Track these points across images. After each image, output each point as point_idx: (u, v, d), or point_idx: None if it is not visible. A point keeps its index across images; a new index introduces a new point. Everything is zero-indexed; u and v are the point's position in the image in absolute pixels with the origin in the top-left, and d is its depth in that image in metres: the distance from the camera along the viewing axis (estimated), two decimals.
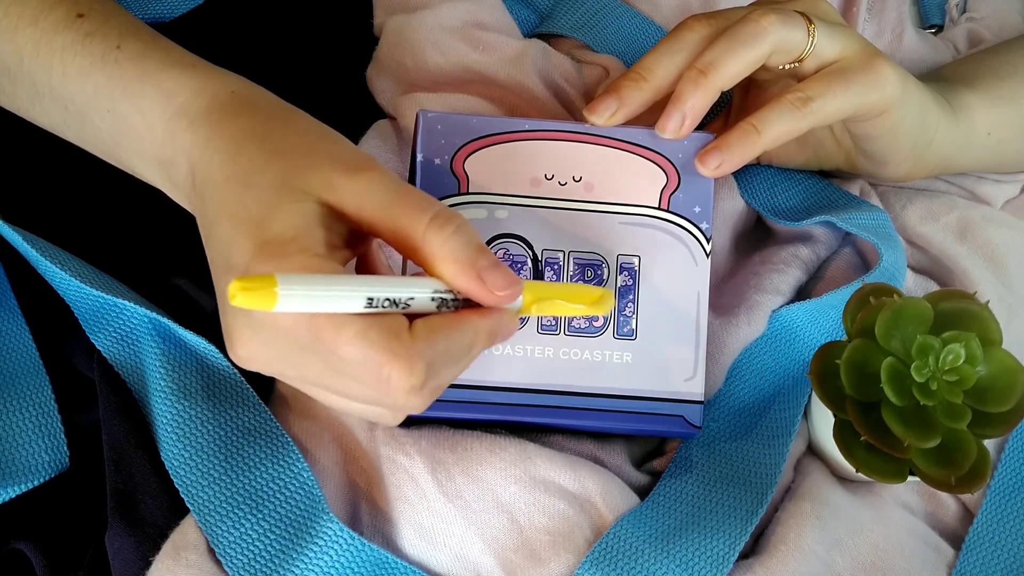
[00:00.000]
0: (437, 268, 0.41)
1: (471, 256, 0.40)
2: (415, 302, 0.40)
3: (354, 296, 0.38)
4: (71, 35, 0.47)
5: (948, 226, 0.61)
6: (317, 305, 0.37)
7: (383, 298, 0.39)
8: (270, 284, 0.36)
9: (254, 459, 0.49)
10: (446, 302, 0.42)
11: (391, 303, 0.39)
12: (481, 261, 0.41)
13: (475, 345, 0.42)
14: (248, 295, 0.36)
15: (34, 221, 0.53)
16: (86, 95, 0.46)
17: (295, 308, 0.37)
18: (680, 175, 0.53)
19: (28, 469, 0.50)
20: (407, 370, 0.38)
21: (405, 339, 0.39)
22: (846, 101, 0.52)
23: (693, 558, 0.49)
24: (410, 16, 0.60)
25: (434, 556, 0.49)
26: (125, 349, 0.52)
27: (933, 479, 0.48)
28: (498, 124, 0.52)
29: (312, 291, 0.37)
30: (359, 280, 0.39)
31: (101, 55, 0.46)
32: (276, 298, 0.36)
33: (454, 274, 0.41)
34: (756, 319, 0.55)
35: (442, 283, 0.41)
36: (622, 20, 0.63)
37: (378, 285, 0.39)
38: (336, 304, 0.38)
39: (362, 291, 0.38)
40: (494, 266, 0.41)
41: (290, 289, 0.36)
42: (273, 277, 0.36)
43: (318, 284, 0.37)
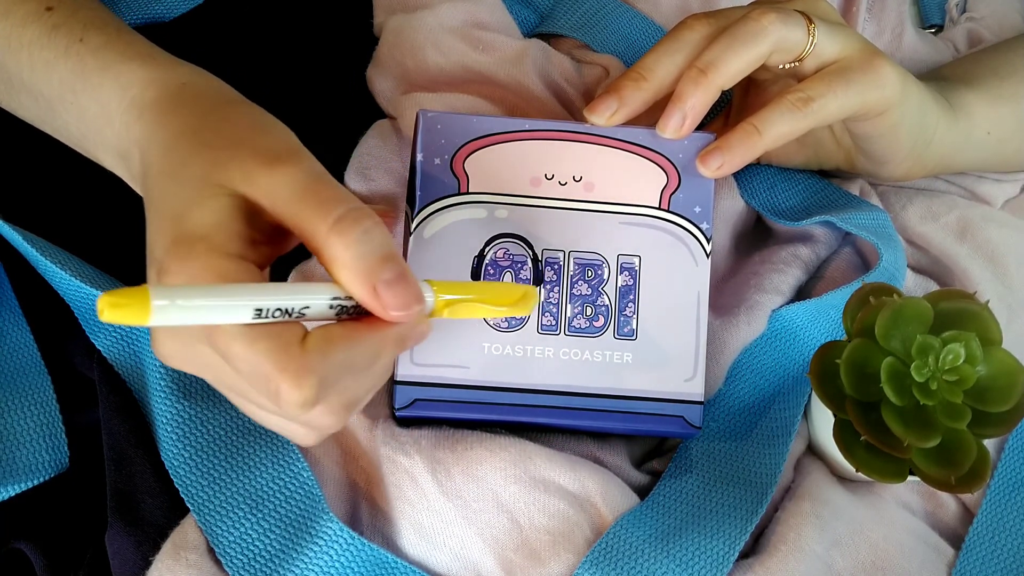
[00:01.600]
0: (335, 273, 0.39)
1: (371, 265, 0.38)
2: (311, 310, 0.38)
3: (240, 306, 0.36)
4: (39, 28, 0.47)
5: (948, 226, 0.61)
6: (198, 316, 0.35)
7: (273, 308, 0.37)
8: (142, 298, 0.34)
9: (254, 459, 0.49)
10: (346, 309, 0.39)
11: (283, 312, 0.37)
12: (383, 273, 0.38)
13: (382, 355, 0.40)
14: (116, 311, 0.34)
15: (34, 221, 0.53)
16: (52, 88, 0.47)
17: (173, 321, 0.35)
18: (680, 175, 0.53)
19: (28, 468, 0.50)
20: (295, 384, 0.37)
21: (294, 352, 0.37)
22: (847, 101, 0.52)
23: (693, 558, 0.49)
24: (410, 16, 0.60)
25: (434, 556, 0.49)
26: (125, 349, 0.52)
27: (933, 479, 0.48)
28: (498, 124, 0.52)
29: (191, 302, 0.35)
30: (248, 289, 0.37)
31: (65, 48, 0.46)
32: (148, 313, 0.34)
33: (350, 283, 0.38)
34: (756, 319, 0.56)
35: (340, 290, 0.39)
36: (622, 20, 0.63)
37: (269, 294, 0.37)
38: (220, 315, 0.36)
39: (250, 300, 0.36)
40: (396, 281, 0.38)
41: (164, 301, 0.34)
42: (146, 289, 0.34)
43: (199, 295, 0.35)
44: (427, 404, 0.51)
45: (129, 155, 0.44)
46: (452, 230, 0.51)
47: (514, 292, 0.44)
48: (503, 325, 0.51)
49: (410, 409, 0.50)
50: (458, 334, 0.51)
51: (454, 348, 0.51)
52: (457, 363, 0.51)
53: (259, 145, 0.40)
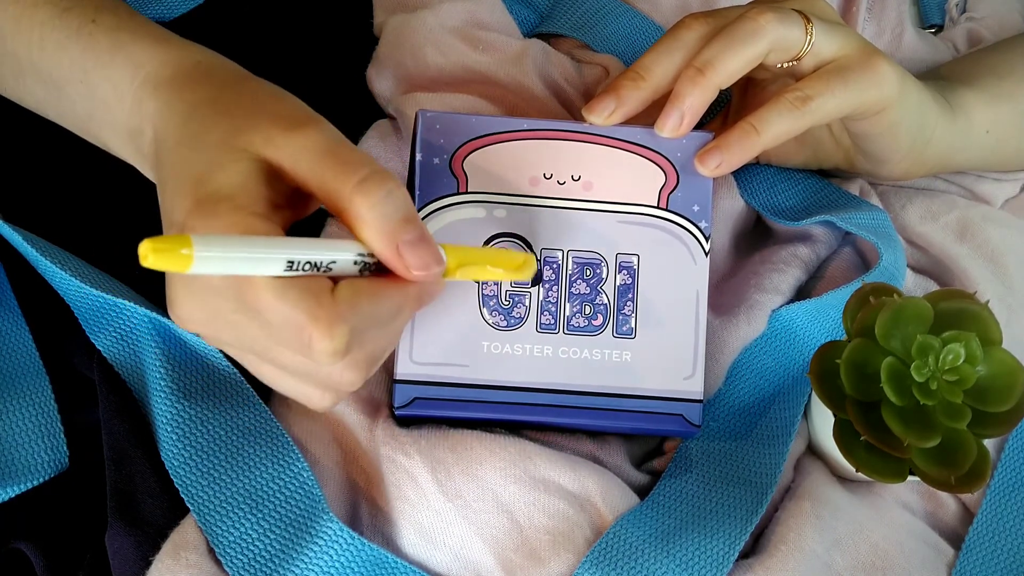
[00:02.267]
0: (359, 232, 0.40)
1: (394, 227, 0.39)
2: (337, 265, 0.39)
3: (273, 258, 0.37)
4: (50, 10, 0.48)
5: (948, 226, 0.61)
6: (234, 267, 0.36)
7: (304, 261, 0.38)
8: (184, 244, 0.34)
9: (254, 459, 0.49)
10: (368, 266, 0.40)
11: (312, 266, 0.38)
12: (405, 234, 0.39)
13: (403, 310, 0.41)
14: (160, 256, 0.34)
15: (34, 221, 0.53)
16: (62, 68, 0.47)
17: (211, 270, 0.35)
18: (679, 174, 0.53)
19: (28, 469, 0.50)
20: (327, 333, 0.37)
21: (326, 302, 0.38)
22: (845, 99, 0.52)
23: (693, 558, 0.49)
24: (410, 16, 0.60)
25: (434, 556, 0.49)
26: (125, 349, 0.52)
27: (933, 479, 0.48)
28: (497, 123, 0.52)
29: (228, 253, 0.36)
30: (279, 242, 0.38)
31: (77, 28, 0.47)
32: (191, 260, 0.34)
33: (374, 242, 0.40)
34: (756, 319, 0.55)
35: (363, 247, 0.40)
36: (622, 20, 0.63)
37: (299, 247, 0.38)
38: (254, 267, 0.37)
39: (282, 253, 0.37)
40: (417, 241, 0.40)
41: (205, 251, 0.35)
42: (188, 238, 0.35)
43: (235, 246, 0.36)
44: (427, 403, 0.51)
45: (140, 132, 0.45)
46: (451, 229, 0.51)
47: (516, 258, 0.45)
48: (502, 324, 0.51)
49: (410, 408, 0.51)
50: (458, 333, 0.51)
51: (454, 347, 0.51)
52: (456, 362, 0.51)
53: (278, 111, 0.41)
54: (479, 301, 0.51)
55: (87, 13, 0.47)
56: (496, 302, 0.51)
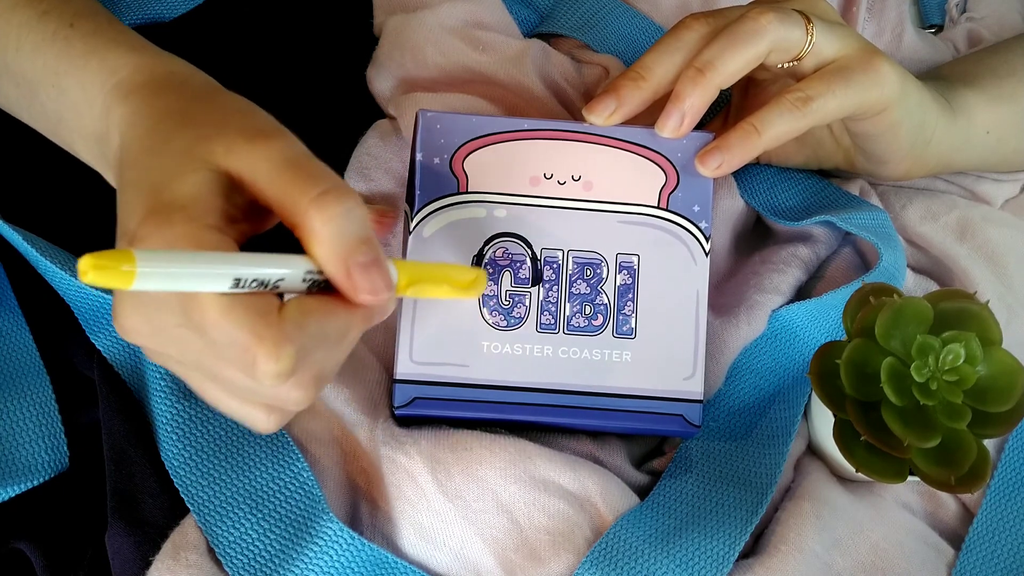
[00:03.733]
0: (311, 248, 0.38)
1: (348, 246, 0.38)
2: (285, 283, 0.38)
3: (219, 274, 0.36)
4: (29, 12, 0.47)
5: (948, 226, 0.61)
6: (178, 284, 0.35)
7: (251, 278, 0.36)
8: (126, 260, 0.33)
9: (254, 459, 0.49)
10: (318, 284, 0.39)
11: (260, 283, 0.37)
12: (358, 255, 0.38)
13: (351, 329, 0.40)
14: (100, 273, 0.33)
15: (34, 221, 0.53)
16: (36, 70, 0.47)
17: (154, 286, 0.34)
18: (679, 174, 0.53)
19: (28, 469, 0.50)
20: (273, 354, 0.36)
21: (272, 321, 0.37)
22: (846, 100, 0.52)
23: (693, 558, 0.49)
24: (410, 16, 0.60)
25: (434, 556, 0.49)
26: (125, 349, 0.52)
27: (933, 479, 0.48)
28: (497, 123, 0.52)
29: (172, 269, 0.34)
30: (226, 258, 0.36)
31: (53, 32, 0.47)
32: (133, 276, 0.33)
33: (325, 260, 0.38)
34: (756, 319, 0.55)
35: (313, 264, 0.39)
36: (622, 20, 0.63)
37: (246, 264, 0.36)
38: (199, 283, 0.35)
39: (228, 269, 0.36)
40: (370, 264, 0.38)
41: (148, 266, 0.33)
42: (131, 253, 0.33)
43: (180, 261, 0.35)
44: (426, 403, 0.51)
45: (106, 138, 0.44)
46: (451, 229, 0.51)
47: (467, 275, 0.45)
48: (502, 324, 0.51)
49: (410, 408, 0.51)
50: (457, 333, 0.51)
51: (453, 347, 0.51)
52: (456, 362, 0.51)
53: (245, 123, 0.40)
54: (479, 301, 0.51)
55: (65, 18, 0.47)
56: (496, 302, 0.51)
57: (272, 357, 0.36)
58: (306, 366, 0.38)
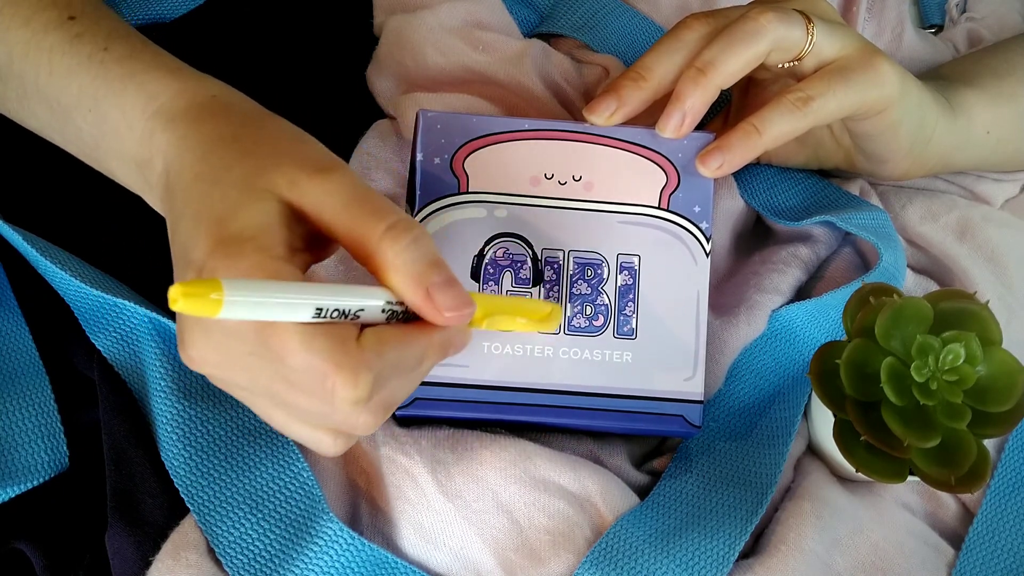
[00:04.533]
0: (388, 278, 0.39)
1: (423, 271, 0.39)
2: (365, 313, 0.39)
3: (302, 304, 0.36)
4: (61, 35, 0.47)
5: (948, 226, 0.61)
6: (263, 313, 0.36)
7: (332, 308, 0.37)
8: (214, 289, 0.34)
9: (254, 459, 0.49)
10: (396, 314, 0.40)
11: (340, 314, 0.38)
12: (433, 277, 0.39)
13: (426, 358, 0.41)
14: (190, 301, 0.34)
15: (34, 221, 0.53)
16: (71, 95, 0.47)
17: (240, 315, 0.35)
18: (680, 175, 0.53)
19: (28, 469, 0.50)
20: (352, 382, 0.37)
21: (352, 349, 0.38)
22: (846, 99, 0.52)
23: (693, 558, 0.49)
24: (410, 16, 0.60)
25: (434, 556, 0.49)
26: (125, 349, 0.52)
27: (933, 479, 0.48)
28: (498, 124, 0.52)
29: (258, 298, 0.35)
30: (308, 288, 0.37)
31: (88, 56, 0.46)
32: (221, 305, 0.34)
33: (403, 287, 0.39)
34: (756, 319, 0.56)
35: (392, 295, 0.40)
36: (622, 20, 0.63)
37: (328, 294, 0.37)
38: (283, 312, 0.36)
39: (311, 300, 0.37)
40: (446, 284, 0.40)
41: (236, 295, 0.34)
42: (219, 282, 0.34)
43: (265, 291, 0.36)
44: (427, 403, 0.51)
45: (149, 164, 0.44)
46: (452, 229, 0.51)
47: (542, 309, 0.46)
48: None
49: (410, 408, 0.51)
50: None
51: None
52: (457, 362, 0.51)
53: (300, 155, 0.41)
54: None
55: (99, 41, 0.47)
56: None
57: (350, 384, 0.37)
58: (380, 393, 0.39)
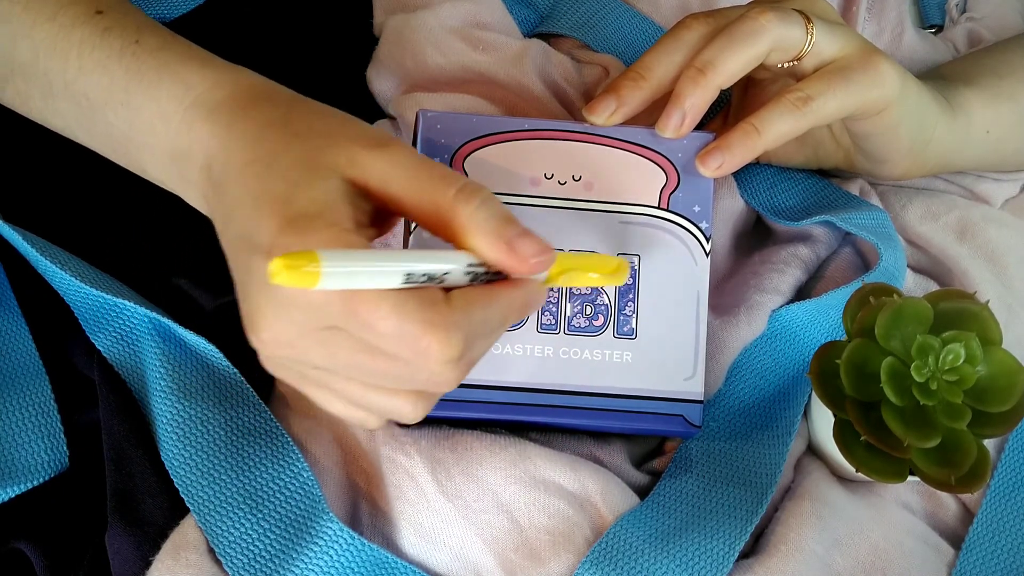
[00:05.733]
0: (468, 240, 0.40)
1: (499, 226, 0.40)
2: (450, 276, 0.40)
3: (394, 271, 0.37)
4: (89, 30, 0.46)
5: (948, 226, 0.61)
6: (358, 281, 0.36)
7: (420, 272, 0.38)
8: (312, 261, 0.35)
9: (254, 459, 0.49)
10: (478, 276, 0.41)
11: (428, 278, 0.39)
12: (511, 230, 0.40)
13: (508, 317, 0.42)
14: (292, 273, 0.34)
15: (34, 221, 0.53)
16: (101, 88, 0.46)
17: (337, 285, 0.36)
18: (680, 175, 0.53)
19: (28, 469, 0.50)
20: (445, 340, 0.38)
21: (443, 310, 0.38)
22: (846, 99, 0.52)
23: (693, 558, 0.49)
24: (410, 16, 0.60)
25: (434, 556, 0.49)
26: (125, 349, 0.52)
27: (933, 479, 0.48)
28: (498, 124, 0.52)
29: (354, 267, 0.36)
30: (397, 255, 0.38)
31: (119, 49, 0.46)
32: (319, 276, 0.35)
33: (485, 245, 0.40)
34: (756, 319, 0.55)
35: (474, 256, 0.41)
36: (622, 20, 0.63)
37: (415, 260, 0.38)
38: (376, 280, 0.37)
39: (401, 266, 0.38)
40: (524, 234, 0.40)
41: (333, 266, 0.35)
42: (315, 254, 0.35)
43: (359, 260, 0.36)
44: None
45: (188, 156, 0.44)
46: None
47: (610, 263, 0.47)
48: None
49: None
50: None
51: None
52: None
53: (354, 132, 0.41)
54: None
55: (129, 34, 0.46)
56: None
57: (444, 343, 0.38)
58: (467, 353, 0.40)
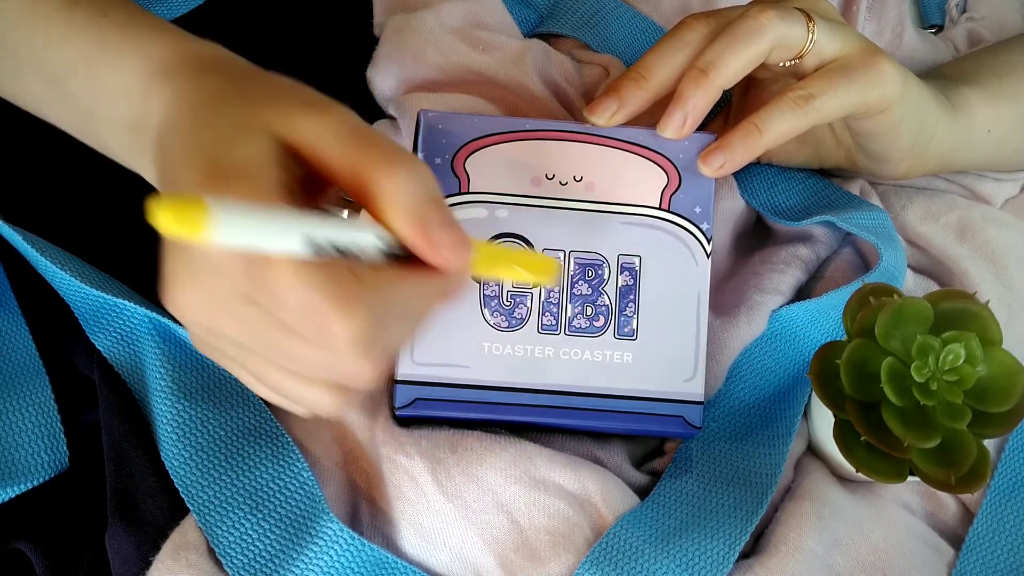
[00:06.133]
0: (386, 212, 0.37)
1: (421, 206, 0.37)
2: (361, 249, 0.37)
3: (292, 231, 0.34)
4: (57, 3, 0.46)
5: (948, 226, 0.61)
6: (252, 238, 0.33)
7: (326, 239, 0.35)
8: (200, 208, 0.31)
9: (254, 459, 0.49)
10: (393, 254, 0.38)
11: (335, 248, 0.35)
12: (432, 214, 0.37)
13: (424, 302, 0.39)
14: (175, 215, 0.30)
15: (34, 221, 0.53)
16: (66, 61, 0.45)
17: (227, 239, 0.32)
18: (681, 175, 0.53)
19: (28, 469, 0.50)
20: (348, 316, 0.35)
21: (348, 284, 0.35)
22: (847, 98, 0.52)
23: (693, 558, 0.49)
24: (410, 16, 0.60)
25: (434, 556, 0.49)
26: (125, 349, 0.52)
27: (933, 479, 0.48)
28: (499, 124, 0.52)
29: (248, 220, 0.33)
30: (302, 216, 0.35)
31: (85, 21, 0.45)
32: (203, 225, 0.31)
33: (400, 221, 0.37)
34: (756, 319, 0.55)
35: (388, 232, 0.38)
36: (622, 20, 0.63)
37: (322, 226, 0.35)
38: (274, 240, 0.34)
39: (301, 227, 0.34)
40: (445, 223, 0.37)
41: (224, 215, 0.31)
42: (203, 201, 0.31)
43: (255, 215, 0.33)
44: (428, 403, 0.51)
45: (143, 123, 0.43)
46: None
47: (540, 261, 0.45)
48: (503, 324, 0.51)
49: (411, 408, 0.51)
50: (459, 334, 0.51)
51: (455, 348, 0.51)
52: (458, 363, 0.51)
53: (299, 96, 0.39)
54: (480, 302, 0.51)
55: (97, 6, 0.45)
56: (497, 303, 0.51)
57: (346, 318, 0.35)
58: (378, 336, 0.37)
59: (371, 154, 0.37)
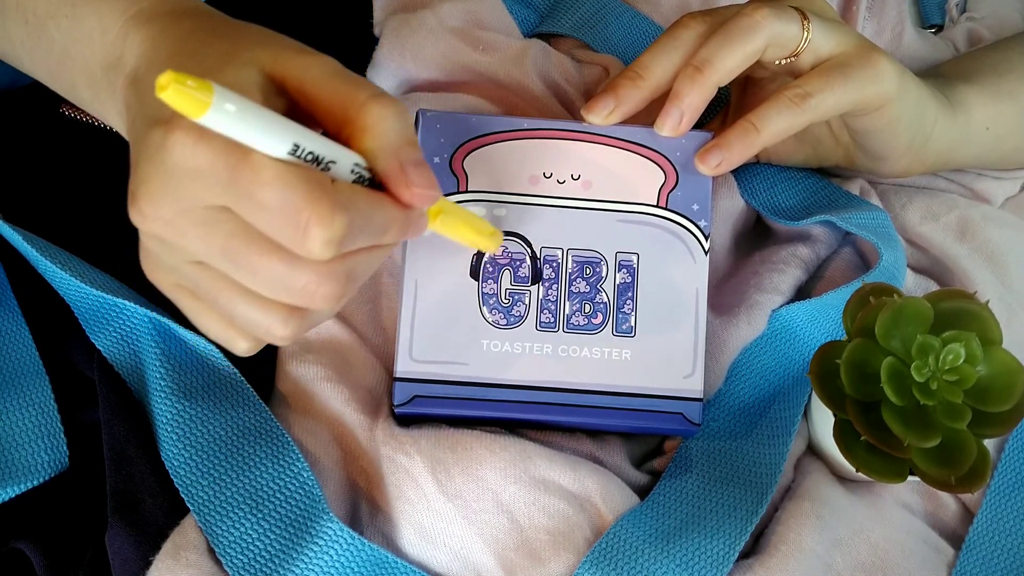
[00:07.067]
0: (364, 142, 0.38)
1: (401, 143, 0.38)
2: (336, 166, 0.37)
3: (285, 136, 0.35)
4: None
5: (948, 226, 0.61)
6: (245, 132, 0.34)
7: (308, 150, 0.36)
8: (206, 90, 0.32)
9: (254, 459, 0.49)
10: (364, 179, 0.39)
11: (314, 159, 0.36)
12: (410, 153, 0.38)
13: (391, 228, 0.39)
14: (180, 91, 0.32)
15: (34, 221, 0.53)
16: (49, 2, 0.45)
17: (223, 126, 0.33)
18: (678, 173, 0.53)
19: (28, 469, 0.50)
20: (328, 217, 0.35)
21: (328, 188, 0.36)
22: (844, 95, 0.52)
23: (693, 558, 0.49)
24: (410, 16, 0.60)
25: (434, 556, 0.49)
26: (125, 349, 0.52)
27: (933, 479, 0.47)
28: (497, 123, 0.52)
29: (246, 114, 0.34)
30: (291, 123, 0.36)
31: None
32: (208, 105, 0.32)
33: (379, 153, 0.38)
34: (756, 318, 0.55)
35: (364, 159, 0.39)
36: (622, 20, 0.63)
37: (307, 136, 0.36)
38: (264, 138, 0.35)
39: (292, 133, 0.35)
40: (420, 164, 0.39)
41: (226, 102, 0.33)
42: (210, 85, 0.32)
43: (254, 110, 0.34)
44: (426, 401, 0.51)
45: (118, 64, 0.43)
46: None
47: (488, 228, 0.47)
48: (502, 322, 0.51)
49: (409, 406, 0.51)
50: (457, 331, 0.51)
51: (453, 345, 0.51)
52: (456, 360, 0.51)
53: (287, 40, 0.40)
54: (479, 299, 0.51)
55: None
56: (496, 300, 0.52)
57: (326, 220, 0.35)
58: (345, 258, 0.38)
59: (359, 91, 0.38)
